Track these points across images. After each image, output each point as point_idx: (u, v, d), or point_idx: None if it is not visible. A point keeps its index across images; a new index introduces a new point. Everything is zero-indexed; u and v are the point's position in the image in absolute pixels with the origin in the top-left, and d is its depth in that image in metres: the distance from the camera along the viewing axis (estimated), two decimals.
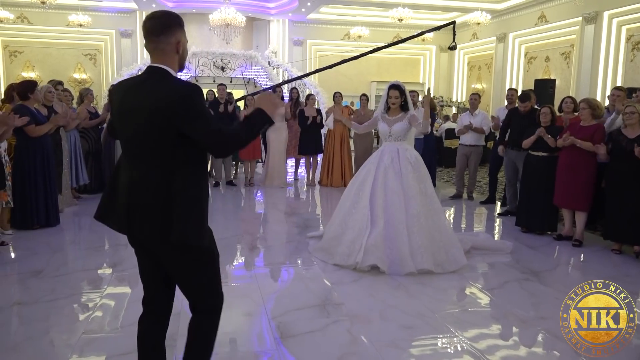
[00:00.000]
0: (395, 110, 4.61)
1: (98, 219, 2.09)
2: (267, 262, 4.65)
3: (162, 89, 1.87)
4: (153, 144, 1.88)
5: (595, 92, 11.88)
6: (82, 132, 7.11)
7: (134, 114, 1.89)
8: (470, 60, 17.92)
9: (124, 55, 15.92)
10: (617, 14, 11.68)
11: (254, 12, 16.20)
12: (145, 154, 1.91)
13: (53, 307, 3.45)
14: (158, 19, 1.95)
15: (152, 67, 1.94)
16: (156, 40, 1.93)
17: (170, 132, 1.85)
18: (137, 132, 1.90)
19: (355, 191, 4.53)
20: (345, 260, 4.26)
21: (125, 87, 2.00)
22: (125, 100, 1.94)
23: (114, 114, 2.05)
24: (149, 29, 1.94)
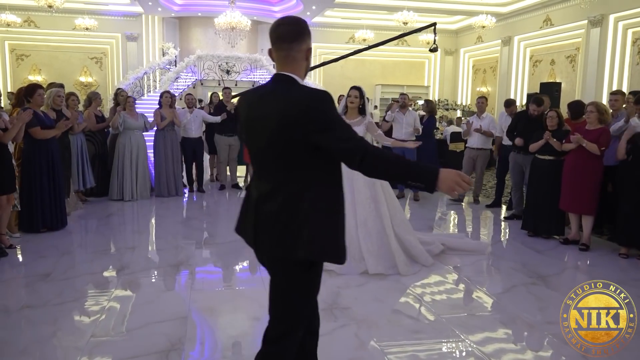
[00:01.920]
0: (353, 112, 4.59)
1: (237, 233, 2.09)
2: None
3: (291, 96, 1.78)
4: (283, 155, 1.78)
5: (600, 96, 11.83)
6: (89, 136, 7.15)
7: (263, 124, 1.81)
8: (475, 63, 17.90)
9: (130, 59, 16.00)
10: (623, 17, 11.65)
11: (259, 15, 16.25)
12: (276, 165, 1.82)
13: (61, 310, 3.46)
14: (290, 25, 1.85)
15: (280, 75, 1.86)
16: (288, 48, 1.84)
17: (301, 142, 1.74)
18: (266, 142, 1.81)
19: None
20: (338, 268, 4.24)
21: (252, 97, 1.93)
22: (253, 111, 1.87)
23: (241, 124, 1.99)
24: (281, 35, 1.85)
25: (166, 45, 16.15)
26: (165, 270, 4.39)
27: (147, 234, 5.80)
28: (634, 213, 4.75)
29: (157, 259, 4.75)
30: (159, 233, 5.68)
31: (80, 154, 6.65)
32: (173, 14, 15.96)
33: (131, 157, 7.13)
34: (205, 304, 3.67)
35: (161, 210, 6.76)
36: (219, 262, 4.67)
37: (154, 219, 6.46)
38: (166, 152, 7.45)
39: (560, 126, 5.42)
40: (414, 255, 4.48)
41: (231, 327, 3.33)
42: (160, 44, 16.40)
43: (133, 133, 7.13)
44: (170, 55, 15.70)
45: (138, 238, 5.57)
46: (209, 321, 3.41)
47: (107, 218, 6.23)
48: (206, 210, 7.11)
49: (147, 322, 3.29)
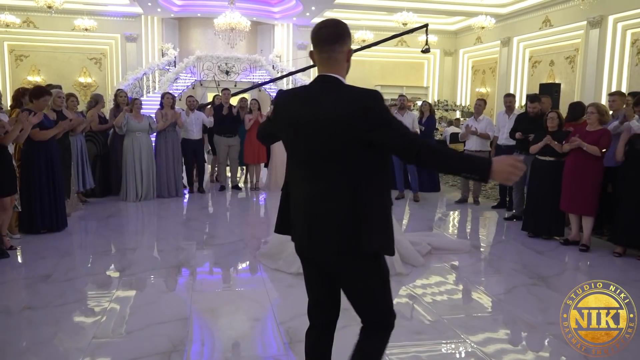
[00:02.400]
0: None
1: (279, 232, 2.13)
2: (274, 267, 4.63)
3: (345, 96, 1.82)
4: (338, 154, 1.82)
5: (600, 97, 11.85)
6: (90, 136, 7.17)
7: (315, 124, 1.82)
8: (474, 64, 17.92)
9: (129, 60, 16.00)
10: (622, 18, 11.68)
11: (258, 16, 16.26)
12: (330, 164, 1.84)
13: (62, 312, 3.46)
14: (332, 27, 1.88)
15: (325, 76, 1.89)
16: (330, 50, 1.87)
17: (357, 141, 1.79)
18: (320, 142, 1.83)
19: None
20: (287, 268, 4.27)
21: (295, 98, 1.94)
22: (300, 111, 1.87)
23: (282, 126, 1.96)
24: (324, 37, 1.88)
25: (165, 46, 16.16)
26: (166, 271, 4.38)
27: (147, 234, 5.80)
28: (632, 214, 4.76)
29: (158, 260, 4.75)
30: (160, 234, 5.68)
31: (80, 154, 6.65)
32: (172, 14, 15.97)
33: (134, 159, 7.12)
34: (206, 305, 3.67)
35: (161, 211, 6.76)
36: (220, 263, 4.67)
37: (154, 219, 6.46)
38: (167, 153, 7.45)
39: (560, 127, 5.43)
40: (403, 255, 4.48)
41: (232, 329, 3.33)
42: (160, 44, 16.40)
43: (135, 135, 7.12)
44: (170, 56, 15.71)
45: (139, 239, 5.57)
46: (210, 322, 3.41)
47: (107, 219, 6.23)
48: (206, 211, 7.10)
49: (149, 323, 3.29)
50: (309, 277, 2.09)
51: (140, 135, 7.17)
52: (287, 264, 4.28)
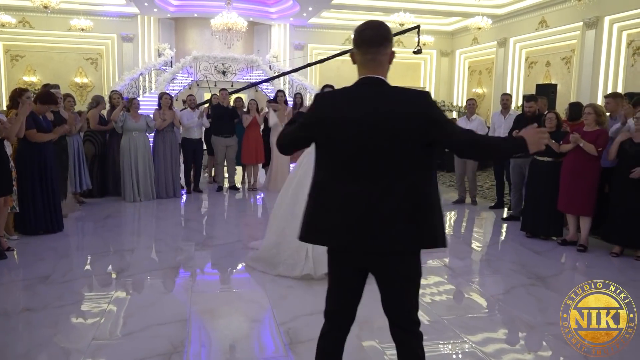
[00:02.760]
0: None
1: (305, 240, 2.03)
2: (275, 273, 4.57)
3: (402, 97, 1.87)
4: (398, 153, 1.85)
5: (596, 98, 11.89)
6: (90, 136, 7.16)
7: (377, 126, 1.83)
8: (470, 64, 17.96)
9: (125, 60, 15.95)
10: (618, 19, 11.72)
11: (255, 16, 16.24)
12: (389, 164, 1.85)
13: (61, 313, 3.44)
14: (377, 29, 1.90)
15: (370, 78, 1.90)
16: (375, 52, 1.89)
17: (416, 139, 1.85)
18: (380, 143, 1.83)
19: (291, 197, 4.35)
20: (289, 271, 4.16)
21: (348, 100, 1.90)
22: (359, 113, 1.85)
23: (330, 128, 1.90)
24: (370, 39, 1.89)
25: (162, 46, 16.12)
26: (164, 272, 4.37)
27: (145, 235, 5.78)
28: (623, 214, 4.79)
29: (157, 261, 4.74)
30: (158, 235, 5.67)
31: (77, 155, 6.63)
32: (169, 14, 15.93)
33: (131, 159, 7.10)
34: (205, 306, 3.66)
35: (159, 212, 6.74)
36: (218, 264, 4.66)
37: (152, 220, 6.44)
38: (165, 153, 7.43)
39: (558, 128, 5.45)
40: None
41: (232, 330, 3.32)
42: (156, 44, 16.36)
43: (132, 135, 7.10)
44: (166, 56, 15.67)
45: (137, 240, 5.55)
46: (210, 323, 3.40)
47: (105, 220, 6.21)
48: (204, 211, 7.09)
49: (149, 324, 3.28)
50: (344, 280, 2.04)
51: (137, 135, 7.15)
52: (288, 268, 4.17)
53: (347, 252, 1.96)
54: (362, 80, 1.92)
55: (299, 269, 4.14)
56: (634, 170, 4.64)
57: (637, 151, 4.70)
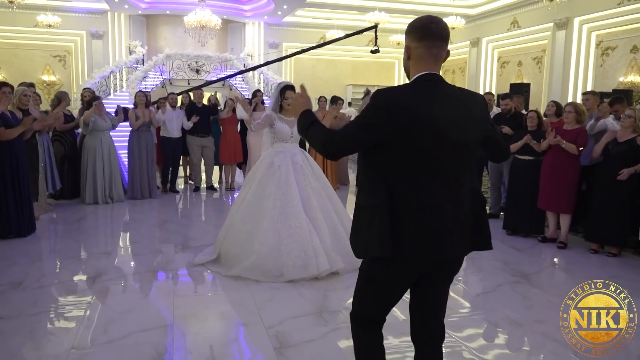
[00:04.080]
0: (290, 110, 4.45)
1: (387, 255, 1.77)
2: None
3: (470, 97, 1.90)
4: (468, 153, 1.86)
5: (566, 96, 12.16)
6: (58, 136, 6.89)
7: (449, 124, 1.76)
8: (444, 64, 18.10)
9: (95, 57, 15.55)
10: (587, 20, 12.01)
11: (229, 14, 16.05)
12: (460, 164, 1.83)
13: (37, 321, 3.28)
14: (445, 24, 1.84)
15: (433, 74, 1.82)
16: (441, 46, 1.83)
17: (479, 140, 1.90)
18: (453, 142, 1.78)
19: (277, 197, 4.18)
20: (302, 273, 3.99)
21: (420, 96, 1.76)
22: (432, 110, 1.74)
23: (405, 129, 1.74)
24: (437, 32, 1.81)
25: (133, 43, 15.77)
26: (144, 276, 4.23)
27: (121, 238, 5.59)
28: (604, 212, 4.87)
29: (135, 265, 4.58)
30: (135, 237, 5.48)
31: (47, 155, 6.37)
32: (140, 11, 15.60)
33: (103, 160, 6.86)
34: (189, 310, 3.55)
35: (134, 214, 6.55)
36: (200, 267, 4.50)
37: (127, 222, 6.24)
38: (140, 153, 7.22)
39: (539, 127, 5.50)
40: None
41: (219, 335, 3.22)
42: (127, 42, 16.01)
43: (103, 134, 6.89)
44: (138, 53, 15.34)
45: (113, 243, 5.36)
46: (195, 328, 3.29)
47: (78, 222, 5.99)
48: (182, 212, 6.93)
49: (131, 331, 3.15)
50: (397, 288, 1.92)
51: (106, 134, 6.95)
52: (299, 270, 4.01)
53: (422, 263, 1.83)
54: (425, 76, 1.81)
55: (312, 268, 4.00)
56: (622, 172, 4.69)
57: (619, 151, 4.77)
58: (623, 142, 4.83)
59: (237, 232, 4.27)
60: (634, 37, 11.09)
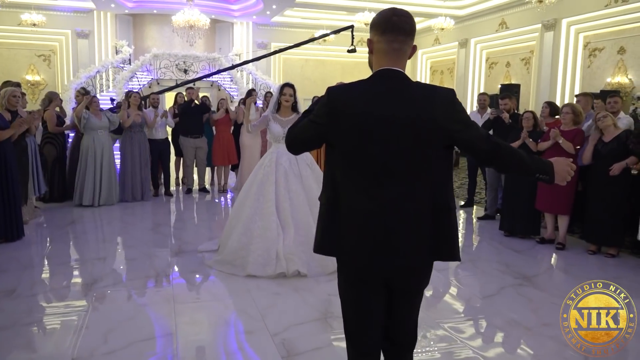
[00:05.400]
0: (286, 110, 4.51)
1: (323, 253, 1.84)
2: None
3: (428, 96, 1.71)
4: (421, 156, 1.69)
5: (554, 97, 12.25)
6: (50, 138, 6.73)
7: (400, 125, 1.67)
8: (432, 64, 18.20)
9: (81, 57, 15.28)
10: (575, 21, 12.11)
11: (217, 14, 15.90)
12: (410, 168, 1.70)
13: (33, 331, 3.18)
14: (407, 17, 1.73)
15: (392, 70, 1.72)
16: (403, 41, 1.72)
17: (440, 142, 1.71)
18: (403, 145, 1.68)
19: (255, 197, 4.36)
20: (261, 271, 4.11)
21: (367, 96, 1.71)
22: (380, 111, 1.68)
23: (346, 127, 1.70)
24: (399, 26, 1.70)
25: (119, 43, 15.54)
26: (141, 282, 4.12)
27: (115, 242, 5.45)
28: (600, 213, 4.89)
29: (131, 270, 4.47)
30: (129, 241, 5.36)
31: (34, 158, 6.20)
32: (127, 10, 15.37)
33: (95, 160, 6.71)
34: (191, 318, 3.46)
35: (127, 217, 6.41)
36: (198, 272, 4.41)
37: (120, 226, 6.11)
38: (133, 154, 7.08)
39: (535, 127, 5.51)
40: None
41: (224, 343, 3.14)
42: (113, 41, 15.77)
43: (96, 133, 6.73)
44: (124, 53, 15.13)
45: (107, 247, 5.22)
46: (199, 337, 3.20)
47: (69, 226, 5.85)
48: (176, 215, 6.80)
49: (132, 340, 3.06)
50: (366, 298, 1.81)
51: (102, 133, 6.78)
52: (259, 268, 4.12)
53: (368, 269, 1.75)
54: (382, 72, 1.73)
55: (270, 268, 4.11)
56: (612, 167, 4.72)
57: (610, 150, 4.80)
58: (611, 141, 4.85)
59: (228, 226, 4.56)
60: (620, 38, 11.21)
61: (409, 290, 1.85)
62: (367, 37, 1.81)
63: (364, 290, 1.81)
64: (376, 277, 1.77)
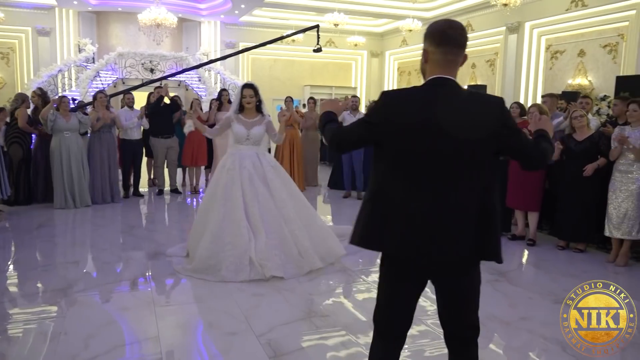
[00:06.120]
0: (250, 111, 4.41)
1: (363, 246, 1.91)
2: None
3: (482, 102, 1.85)
4: (473, 160, 1.79)
5: (518, 98, 12.60)
6: (17, 138, 6.49)
7: (455, 131, 1.75)
8: (400, 65, 18.42)
9: (42, 55, 14.77)
10: (538, 24, 12.50)
11: (184, 12, 15.65)
12: (460, 171, 1.79)
13: (7, 340, 3.06)
14: (462, 30, 1.85)
15: (444, 78, 1.83)
16: (457, 53, 1.84)
17: (491, 147, 1.81)
18: (457, 149, 1.76)
19: (222, 202, 4.24)
20: (234, 277, 4.02)
21: (420, 102, 1.81)
22: (435, 117, 1.76)
23: (398, 131, 1.80)
24: (455, 39, 1.83)
25: (82, 41, 15.10)
26: (119, 285, 4.04)
27: (88, 246, 5.31)
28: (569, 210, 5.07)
29: (107, 274, 4.36)
30: (102, 244, 5.22)
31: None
32: (90, 7, 14.95)
33: (62, 162, 6.51)
34: (174, 320, 3.41)
35: (97, 219, 6.25)
36: (177, 274, 4.34)
37: (92, 228, 5.94)
38: (102, 155, 6.90)
39: None
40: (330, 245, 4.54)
41: (209, 345, 3.10)
42: (76, 39, 15.31)
43: (63, 135, 6.53)
44: (88, 52, 14.71)
45: (79, 251, 5.08)
46: (184, 339, 3.16)
47: (37, 230, 5.66)
48: (147, 217, 6.67)
49: (115, 344, 2.99)
50: (402, 290, 1.94)
51: (69, 135, 6.57)
52: (231, 274, 4.02)
53: (411, 261, 1.87)
54: (436, 80, 1.84)
55: (244, 274, 4.03)
56: (586, 168, 4.90)
57: (582, 149, 4.99)
58: (583, 140, 5.04)
59: (194, 232, 4.42)
60: (580, 41, 11.64)
61: (457, 287, 1.93)
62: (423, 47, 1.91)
63: (402, 283, 1.92)
64: (419, 272, 1.89)
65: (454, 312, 1.99)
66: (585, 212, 5.01)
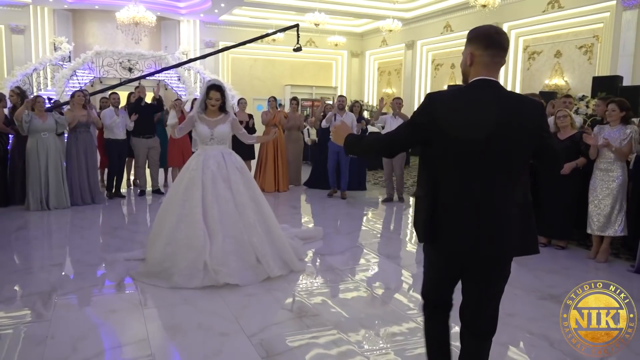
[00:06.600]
0: (213, 111, 4.30)
1: (427, 242, 2.04)
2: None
3: (527, 102, 1.97)
4: (516, 156, 1.91)
5: None
6: None
7: (493, 130, 1.86)
8: (380, 65, 18.54)
9: (16, 53, 14.47)
10: (515, 25, 12.73)
11: (162, 11, 15.50)
12: (510, 169, 1.91)
13: None
14: (506, 35, 2.01)
15: (489, 80, 1.95)
16: (503, 55, 1.98)
17: (529, 144, 1.94)
18: (496, 148, 1.87)
19: (181, 203, 4.11)
20: (187, 283, 3.88)
21: (474, 102, 1.92)
22: (477, 116, 1.89)
23: (451, 130, 1.89)
24: (502, 43, 1.96)
25: (58, 39, 14.84)
26: (104, 287, 3.98)
27: (70, 248, 5.20)
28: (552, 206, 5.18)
29: (93, 276, 4.28)
30: (85, 246, 5.13)
31: None
32: (66, 5, 14.70)
33: (39, 162, 6.37)
34: (163, 322, 3.38)
35: (78, 221, 6.14)
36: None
37: (73, 230, 5.84)
38: (79, 156, 6.77)
39: None
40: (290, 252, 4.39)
41: (200, 347, 3.08)
42: (52, 38, 15.03)
43: (39, 136, 6.40)
44: (64, 50, 14.47)
45: (61, 253, 4.97)
46: (174, 341, 3.13)
47: (16, 232, 5.53)
48: (129, 218, 6.58)
49: (104, 347, 2.96)
50: (450, 275, 2.11)
51: (46, 135, 6.43)
52: (185, 279, 3.90)
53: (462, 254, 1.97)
54: (480, 81, 1.94)
55: (197, 280, 3.89)
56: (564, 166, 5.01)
57: (564, 148, 5.08)
58: (565, 140, 5.15)
59: (151, 234, 4.34)
60: (557, 42, 11.89)
61: (494, 278, 2.04)
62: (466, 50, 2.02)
63: (449, 267, 2.07)
64: (465, 262, 2.00)
65: (481, 305, 2.07)
66: (567, 209, 5.12)
